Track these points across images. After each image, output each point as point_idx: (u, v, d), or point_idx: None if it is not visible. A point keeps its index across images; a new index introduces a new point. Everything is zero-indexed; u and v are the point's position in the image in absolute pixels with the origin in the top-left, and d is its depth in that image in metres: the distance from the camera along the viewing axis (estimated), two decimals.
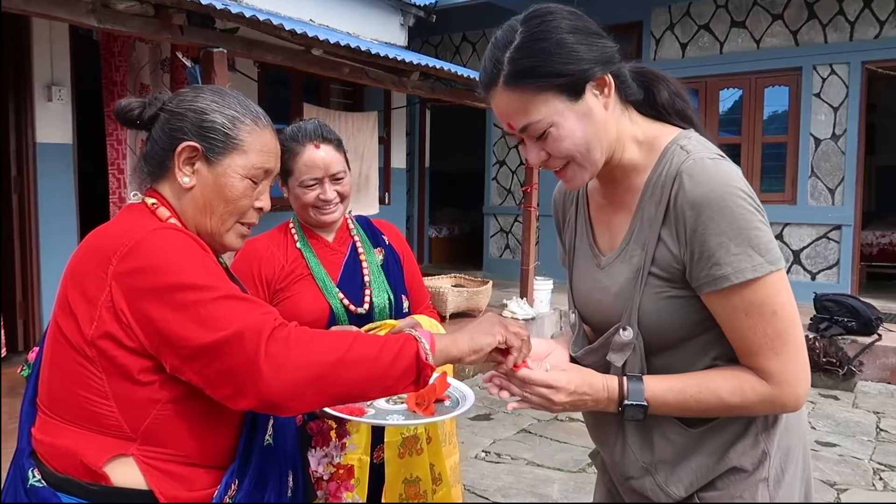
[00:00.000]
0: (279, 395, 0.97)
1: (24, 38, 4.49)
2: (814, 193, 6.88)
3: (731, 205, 1.02)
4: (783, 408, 1.08)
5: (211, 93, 1.20)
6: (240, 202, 1.17)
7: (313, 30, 4.47)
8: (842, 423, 4.58)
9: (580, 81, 1.06)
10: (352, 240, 1.92)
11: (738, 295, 1.03)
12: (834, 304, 5.66)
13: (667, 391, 1.10)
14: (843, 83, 6.66)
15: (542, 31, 1.07)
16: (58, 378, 1.08)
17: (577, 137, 1.07)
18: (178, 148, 1.14)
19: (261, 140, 1.19)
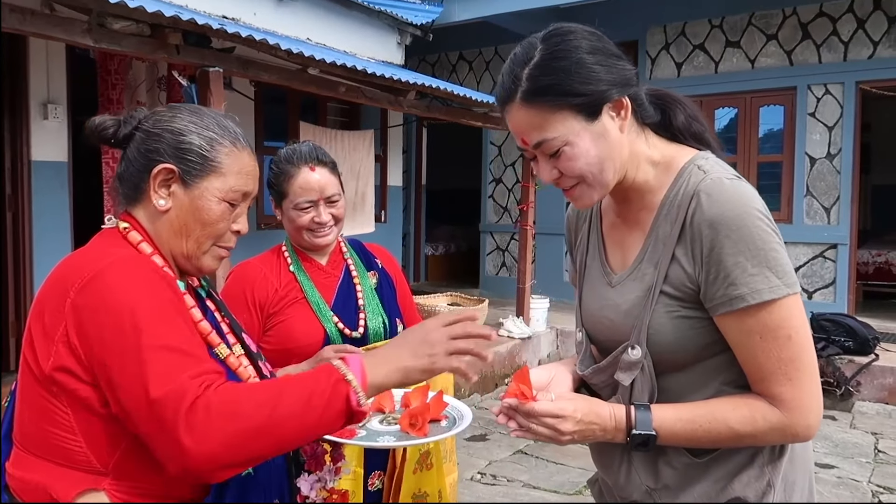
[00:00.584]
0: (203, 466, 0.92)
1: (20, 56, 4.50)
2: (809, 212, 6.90)
3: (750, 225, 1.01)
4: (794, 437, 1.05)
5: (188, 113, 1.16)
6: (217, 225, 1.14)
7: (309, 49, 4.48)
8: (840, 444, 4.54)
9: (598, 102, 1.06)
10: (345, 263, 1.91)
11: (753, 317, 1.02)
12: (831, 324, 5.65)
13: (675, 421, 1.07)
14: (837, 103, 6.70)
15: (562, 50, 1.07)
16: (27, 412, 1.05)
17: (590, 157, 1.08)
18: (154, 170, 1.11)
19: (239, 162, 1.16)
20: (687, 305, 1.08)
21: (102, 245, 1.10)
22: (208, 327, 1.14)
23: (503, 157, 8.64)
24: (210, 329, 1.14)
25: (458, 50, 8.71)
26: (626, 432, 1.09)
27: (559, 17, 7.64)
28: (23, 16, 2.95)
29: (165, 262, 1.14)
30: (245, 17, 5.45)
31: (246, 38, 3.66)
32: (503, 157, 8.64)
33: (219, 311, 1.26)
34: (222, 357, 1.14)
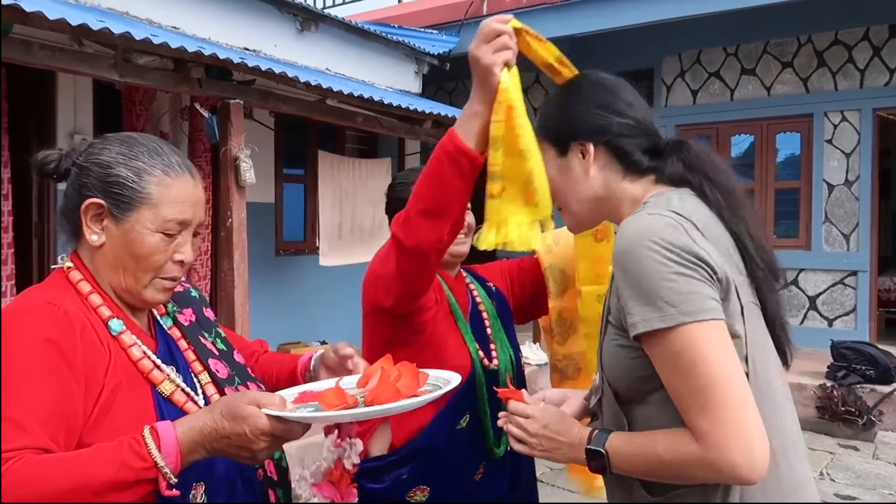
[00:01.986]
0: None
1: (48, 88, 4.64)
2: (828, 239, 6.85)
3: (641, 256, 1.03)
4: (719, 474, 0.99)
5: (118, 144, 1.12)
6: (151, 258, 1.10)
7: (328, 80, 4.58)
8: (862, 475, 4.47)
9: (564, 141, 1.24)
10: (468, 286, 1.84)
11: (655, 345, 1.03)
12: (851, 352, 5.57)
13: (622, 444, 1.10)
14: (854, 129, 6.68)
15: (558, 94, 1.28)
16: None
17: (555, 184, 1.24)
18: (83, 205, 1.09)
19: (172, 191, 1.11)
20: (624, 335, 1.09)
21: (39, 287, 1.11)
22: (148, 365, 1.09)
23: None
24: (150, 367, 1.09)
25: None
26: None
27: (575, 47, 7.73)
28: (52, 52, 3.07)
29: (105, 301, 1.11)
30: (266, 49, 5.58)
31: (266, 71, 3.76)
32: None
33: (185, 338, 1.23)
34: (166, 394, 1.09)
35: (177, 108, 5.07)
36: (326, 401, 1.06)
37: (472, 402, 1.65)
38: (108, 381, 1.04)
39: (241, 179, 3.74)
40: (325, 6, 7.95)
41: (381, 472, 1.67)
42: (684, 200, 1.13)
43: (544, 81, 8.35)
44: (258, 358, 1.43)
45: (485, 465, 1.70)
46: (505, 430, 1.26)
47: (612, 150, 1.21)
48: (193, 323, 1.28)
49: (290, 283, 6.44)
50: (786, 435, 1.11)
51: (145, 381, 1.09)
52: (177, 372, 1.15)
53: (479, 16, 7.15)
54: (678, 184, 1.19)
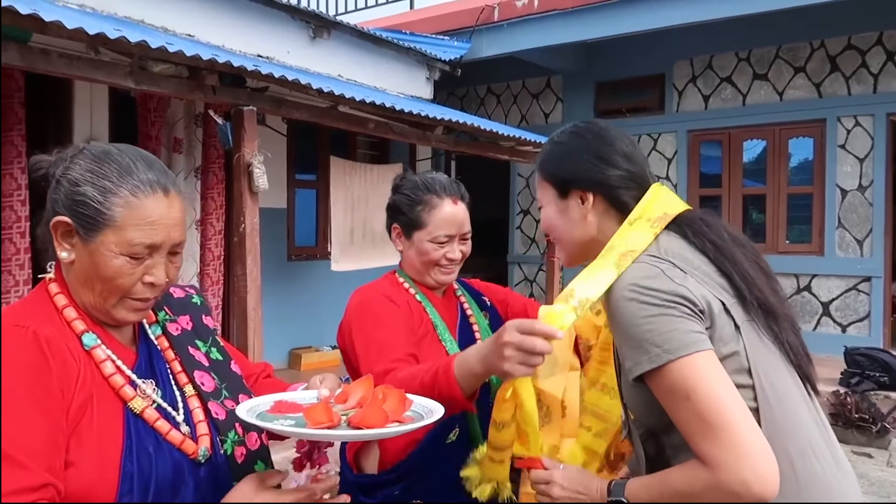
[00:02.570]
0: None
1: (65, 95, 4.71)
2: (841, 245, 6.81)
3: (622, 306, 1.13)
4: (735, 496, 1.02)
5: (90, 160, 1.07)
6: (116, 281, 1.05)
7: (340, 86, 4.62)
8: (876, 482, 4.44)
9: (565, 187, 1.33)
10: (458, 300, 1.82)
11: (652, 384, 1.11)
12: (865, 359, 5.54)
13: (640, 488, 1.17)
14: (868, 135, 6.64)
15: (563, 140, 1.36)
16: None
17: (552, 224, 1.36)
18: (52, 223, 1.05)
19: (140, 213, 1.05)
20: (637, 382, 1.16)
21: (17, 304, 1.10)
22: (119, 381, 1.07)
23: (531, 188, 8.69)
24: (121, 383, 1.07)
25: (486, 84, 8.84)
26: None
27: (586, 52, 7.75)
28: (70, 61, 3.12)
29: (79, 314, 1.09)
30: (279, 56, 5.64)
31: (278, 78, 3.80)
32: (531, 188, 8.69)
33: (172, 349, 1.20)
34: (137, 411, 1.06)
35: (191, 114, 5.13)
36: (312, 417, 1.04)
37: (460, 415, 1.63)
38: (77, 395, 1.01)
39: (254, 185, 3.78)
40: (337, 13, 8.01)
41: (373, 489, 1.66)
42: (661, 242, 1.21)
43: (555, 86, 8.35)
44: (257, 380, 1.39)
45: None
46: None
47: (609, 200, 1.30)
48: (188, 332, 1.24)
49: (302, 288, 6.49)
50: (801, 437, 1.13)
51: (117, 397, 1.06)
52: (157, 385, 1.13)
53: (491, 22, 7.18)
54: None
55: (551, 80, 8.40)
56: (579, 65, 7.78)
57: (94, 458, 1.00)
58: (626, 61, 7.60)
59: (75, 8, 4.25)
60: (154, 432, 1.07)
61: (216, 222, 5.24)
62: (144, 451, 1.04)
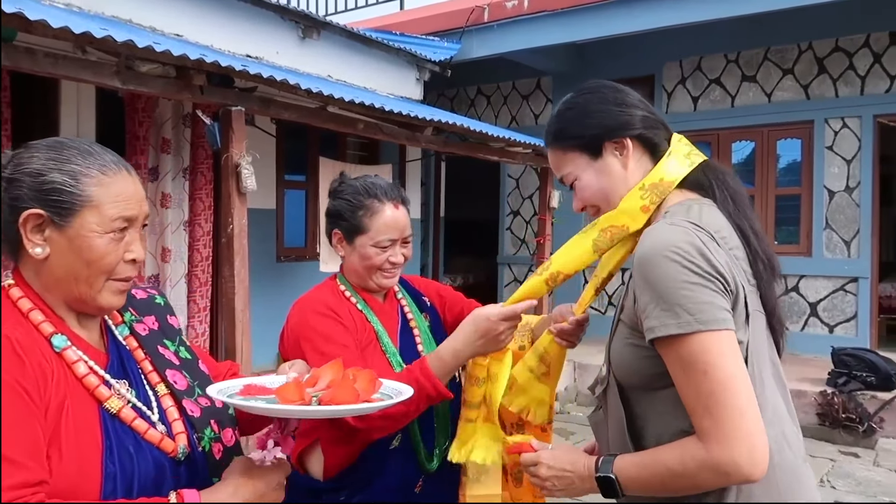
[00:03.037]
0: None
1: (52, 95, 4.67)
2: (829, 245, 6.85)
3: (662, 264, 1.09)
4: (726, 476, 1.05)
5: (46, 150, 1.08)
6: (104, 261, 1.07)
7: (329, 87, 4.60)
8: (863, 482, 4.47)
9: (595, 142, 1.27)
10: (398, 304, 1.83)
11: (671, 349, 1.09)
12: (852, 359, 5.57)
13: (629, 465, 1.16)
14: (855, 136, 6.69)
15: (574, 102, 1.32)
16: None
17: (595, 189, 1.29)
18: (21, 218, 1.04)
19: (113, 189, 1.08)
20: (636, 335, 1.17)
21: None
22: (94, 382, 1.06)
23: (521, 189, 8.70)
24: (96, 384, 1.07)
25: (477, 84, 8.85)
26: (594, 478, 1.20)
27: (575, 53, 7.76)
28: (55, 60, 3.09)
29: (47, 317, 1.07)
30: (268, 56, 5.61)
31: (267, 78, 3.78)
32: (521, 189, 8.70)
33: (142, 348, 1.20)
34: (113, 411, 1.06)
35: (179, 114, 5.10)
36: (284, 395, 1.06)
37: None
38: (53, 398, 1.00)
39: (243, 186, 3.76)
40: (327, 13, 7.99)
41: (318, 493, 1.68)
42: (703, 212, 1.20)
43: (544, 88, 8.38)
44: (224, 378, 1.38)
45: (423, 479, 1.71)
46: None
47: (642, 143, 1.28)
48: (155, 331, 1.24)
49: (291, 289, 6.45)
50: (777, 428, 1.15)
51: (92, 398, 1.06)
52: (129, 385, 1.12)
53: (481, 22, 7.19)
54: (693, 185, 1.27)
55: (541, 81, 8.41)
56: (569, 66, 7.79)
57: (75, 460, 0.99)
58: (615, 62, 7.61)
59: (62, 7, 4.21)
60: (132, 432, 1.07)
61: (204, 223, 5.21)
62: (125, 451, 1.04)
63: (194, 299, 5.18)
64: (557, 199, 6.65)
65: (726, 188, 1.24)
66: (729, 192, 1.24)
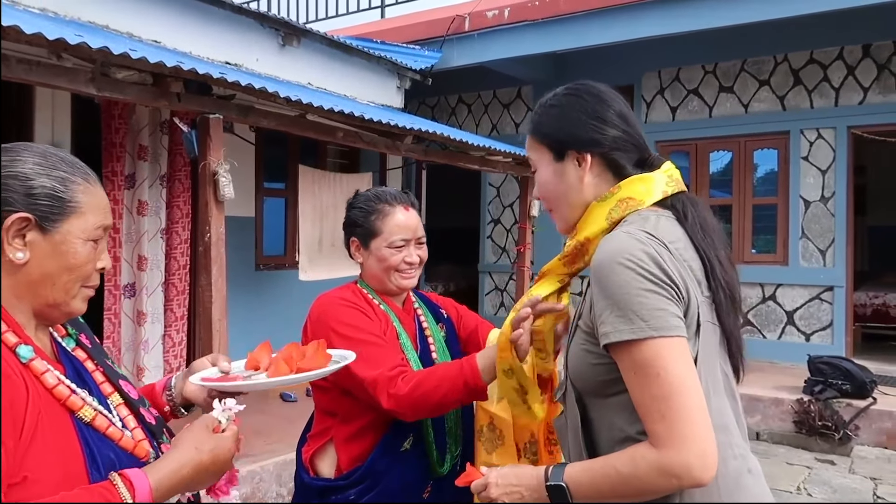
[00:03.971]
0: None
1: (26, 100, 4.61)
2: (805, 255, 6.94)
3: (616, 271, 1.12)
4: (677, 478, 1.07)
5: (31, 154, 1.08)
6: (85, 267, 1.09)
7: (308, 95, 4.58)
8: (838, 489, 4.51)
9: (560, 147, 1.31)
10: (415, 312, 1.89)
11: (625, 354, 1.12)
12: (827, 367, 5.64)
13: (579, 472, 1.18)
14: (829, 147, 6.79)
15: (559, 101, 1.34)
16: None
17: (548, 186, 1.34)
18: (7, 222, 1.02)
19: (95, 198, 1.11)
20: (592, 341, 1.19)
21: None
22: (65, 391, 1.05)
23: (501, 198, 8.73)
24: (67, 393, 1.05)
25: (458, 93, 8.87)
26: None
27: (555, 63, 7.81)
28: (29, 66, 3.05)
29: (10, 326, 1.05)
30: (247, 63, 5.58)
31: (245, 86, 3.75)
32: (501, 198, 8.73)
33: (91, 359, 1.19)
34: (87, 420, 1.06)
35: (156, 121, 5.05)
36: (276, 370, 1.20)
37: (414, 424, 1.70)
38: (29, 414, 0.98)
39: (220, 194, 3.72)
40: (307, 21, 7.97)
41: (327, 492, 1.71)
42: (660, 222, 1.21)
43: (525, 97, 8.41)
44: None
45: (432, 483, 1.75)
46: None
47: (606, 162, 1.29)
48: (96, 345, 1.24)
49: (269, 297, 6.41)
50: (723, 437, 1.16)
51: (63, 408, 1.04)
52: (90, 395, 1.11)
53: (462, 32, 7.21)
54: (663, 206, 1.27)
55: (522, 91, 8.46)
56: (550, 75, 7.83)
57: (59, 472, 0.98)
58: (595, 72, 7.65)
59: (36, 12, 4.16)
60: (107, 439, 1.07)
61: (182, 231, 5.15)
62: (107, 459, 1.04)
63: (171, 308, 5.12)
64: (538, 208, 6.67)
65: (696, 215, 1.26)
66: (699, 219, 1.25)
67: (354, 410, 1.70)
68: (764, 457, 5.14)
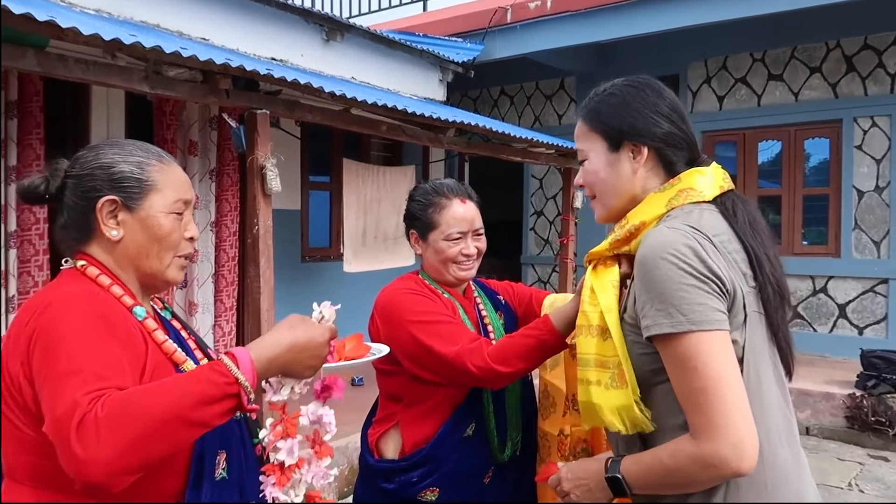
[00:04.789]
0: (99, 475, 0.96)
1: (83, 99, 4.78)
2: (858, 246, 6.74)
3: (660, 266, 1.14)
4: (714, 468, 1.09)
5: (110, 147, 1.26)
6: (171, 237, 1.24)
7: (352, 89, 4.64)
8: (892, 486, 4.40)
9: (618, 137, 1.31)
10: (475, 301, 1.94)
11: (665, 346, 1.14)
12: (882, 361, 5.48)
13: (633, 464, 1.21)
14: (885, 135, 6.58)
15: (619, 91, 1.34)
16: (6, 440, 1.14)
17: (598, 175, 1.34)
18: (98, 205, 1.20)
19: (171, 175, 1.26)
20: (637, 331, 1.21)
21: (61, 282, 1.20)
22: (172, 346, 1.22)
23: (544, 189, 8.69)
24: (174, 348, 1.22)
25: (500, 85, 8.85)
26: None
27: (599, 54, 7.73)
28: (86, 66, 3.16)
29: (125, 290, 1.22)
30: (293, 59, 5.68)
31: (291, 82, 3.82)
32: (544, 189, 8.69)
33: (184, 330, 1.35)
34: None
35: (206, 117, 5.18)
36: (353, 352, 1.30)
37: (477, 411, 1.76)
38: (149, 362, 1.14)
39: (268, 187, 3.81)
40: (350, 16, 8.05)
41: (392, 474, 1.77)
42: (703, 216, 1.22)
43: (568, 88, 8.35)
44: None
45: (493, 469, 1.80)
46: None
47: (660, 157, 1.31)
48: (184, 322, 1.40)
49: (315, 288, 6.53)
50: (772, 432, 1.18)
51: (169, 361, 1.20)
52: (187, 355, 1.26)
53: (504, 23, 7.19)
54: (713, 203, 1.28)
55: (564, 82, 8.39)
56: (593, 66, 7.76)
57: None
58: (640, 62, 7.56)
59: (92, 13, 4.31)
60: None
61: (231, 224, 5.28)
62: None
63: (221, 299, 5.26)
64: (581, 200, 6.62)
65: (746, 213, 1.27)
66: (749, 217, 1.26)
67: (421, 395, 1.76)
68: (814, 452, 5.04)
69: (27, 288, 4.42)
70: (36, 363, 1.07)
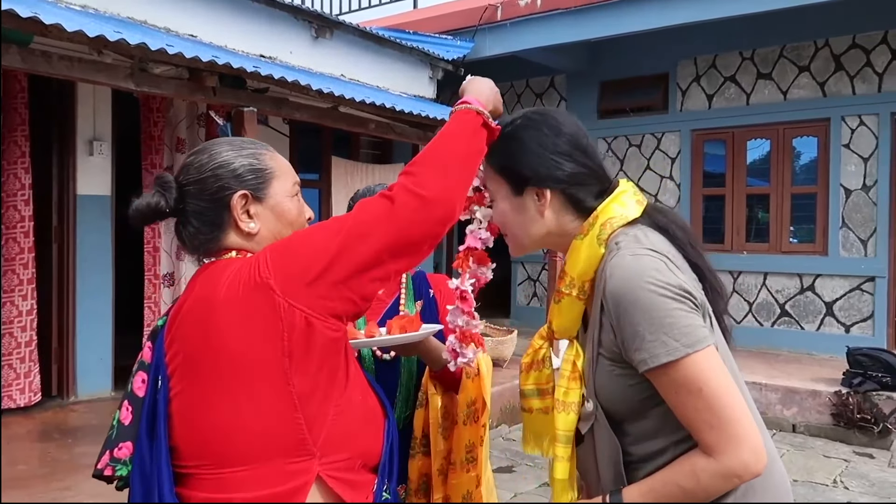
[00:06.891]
0: (448, 207, 1.23)
1: (68, 96, 4.74)
2: (845, 244, 6.79)
3: (642, 297, 1.12)
4: (739, 477, 1.10)
5: (217, 146, 1.29)
6: (299, 219, 1.30)
7: (340, 87, 4.63)
8: (877, 483, 4.43)
9: (521, 183, 1.28)
10: (399, 292, 1.99)
11: (663, 375, 1.12)
12: (867, 359, 5.51)
13: (639, 495, 1.17)
14: (872, 134, 6.62)
15: (518, 134, 1.30)
16: (242, 421, 1.13)
17: (506, 216, 1.32)
18: (232, 201, 1.22)
19: (280, 161, 1.32)
20: (620, 365, 1.18)
21: (223, 266, 1.21)
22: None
23: None
24: None
25: None
26: None
27: (589, 51, 7.74)
28: (71, 63, 3.15)
29: None
30: (281, 56, 5.65)
31: (279, 79, 3.81)
32: None
33: None
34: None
35: (193, 114, 5.15)
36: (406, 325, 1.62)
37: None
38: None
39: None
40: (340, 13, 8.03)
41: None
42: (649, 237, 1.21)
43: (558, 86, 8.35)
44: None
45: None
46: None
47: (566, 196, 1.28)
48: None
49: None
50: (756, 420, 1.19)
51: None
52: None
53: (494, 21, 7.19)
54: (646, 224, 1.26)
55: (555, 80, 8.40)
56: (583, 64, 7.77)
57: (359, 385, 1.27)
58: (630, 60, 7.59)
59: (77, 9, 4.27)
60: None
61: None
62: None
63: None
64: None
65: (676, 224, 1.26)
66: (678, 227, 1.26)
67: None
68: (800, 449, 5.07)
69: (11, 286, 4.39)
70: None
